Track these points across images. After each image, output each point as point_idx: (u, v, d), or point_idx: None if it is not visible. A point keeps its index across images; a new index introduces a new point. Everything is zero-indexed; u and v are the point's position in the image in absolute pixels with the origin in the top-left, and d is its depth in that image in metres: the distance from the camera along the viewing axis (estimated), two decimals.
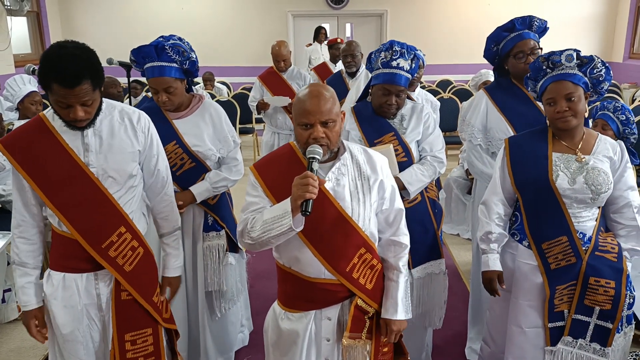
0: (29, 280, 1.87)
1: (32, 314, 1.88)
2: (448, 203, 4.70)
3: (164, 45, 2.28)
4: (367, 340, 1.80)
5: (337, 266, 1.73)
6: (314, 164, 1.59)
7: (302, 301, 1.78)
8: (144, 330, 1.94)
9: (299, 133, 1.69)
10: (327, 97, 1.66)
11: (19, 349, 3.02)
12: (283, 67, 4.71)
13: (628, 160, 2.04)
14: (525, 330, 2.07)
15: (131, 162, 1.90)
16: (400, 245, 1.86)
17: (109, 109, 1.89)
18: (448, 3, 9.61)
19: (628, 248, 2.03)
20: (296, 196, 1.54)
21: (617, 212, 2.05)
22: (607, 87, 2.04)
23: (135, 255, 1.91)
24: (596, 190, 1.95)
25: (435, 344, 2.92)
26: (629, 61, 9.26)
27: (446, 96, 6.95)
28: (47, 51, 1.67)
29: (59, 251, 1.88)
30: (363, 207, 1.74)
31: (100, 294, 1.89)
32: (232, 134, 2.52)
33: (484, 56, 2.67)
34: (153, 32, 3.42)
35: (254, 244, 1.69)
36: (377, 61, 2.39)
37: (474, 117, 2.62)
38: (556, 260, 2.01)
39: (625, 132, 2.78)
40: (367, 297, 1.79)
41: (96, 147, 1.83)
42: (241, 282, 2.74)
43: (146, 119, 1.97)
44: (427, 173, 2.41)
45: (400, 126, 2.45)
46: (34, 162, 1.78)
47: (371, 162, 1.79)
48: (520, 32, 2.48)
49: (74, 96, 1.66)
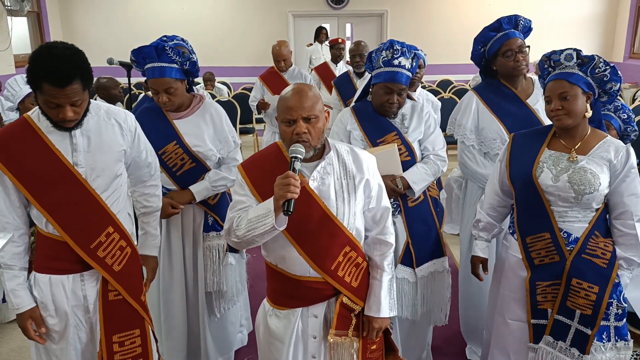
0: (19, 282, 1.84)
1: (27, 314, 1.85)
2: (448, 203, 4.69)
3: (164, 46, 2.29)
4: (353, 338, 1.82)
5: (323, 264, 1.75)
6: (295, 163, 1.60)
7: (289, 299, 1.81)
8: (132, 332, 1.94)
9: (282, 130, 1.71)
10: (308, 94, 1.69)
11: (20, 348, 3.03)
12: (284, 67, 4.71)
13: (634, 167, 1.96)
14: (508, 321, 2.11)
15: (118, 162, 1.91)
16: (386, 244, 1.87)
17: (95, 109, 1.89)
18: (448, 3, 9.61)
19: (624, 257, 1.97)
20: (278, 196, 1.55)
21: (618, 219, 2.00)
22: (617, 87, 2.00)
23: (123, 255, 1.92)
24: (579, 190, 1.93)
25: (436, 343, 2.92)
26: (629, 61, 9.26)
27: (447, 96, 6.95)
28: (37, 51, 1.66)
29: (44, 253, 1.86)
30: (348, 206, 1.76)
31: (87, 295, 1.88)
32: (232, 135, 2.52)
33: (470, 58, 2.66)
34: (153, 32, 3.43)
35: (239, 242, 1.72)
36: (379, 60, 2.39)
37: (465, 118, 2.61)
38: (539, 256, 2.02)
39: (627, 130, 2.79)
40: (352, 295, 1.81)
41: (84, 147, 1.82)
42: (241, 282, 2.74)
43: (132, 118, 1.98)
44: (430, 172, 2.42)
45: (401, 125, 2.45)
46: (19, 163, 1.77)
47: (357, 161, 1.80)
48: (506, 31, 2.49)
49: (64, 96, 1.66)
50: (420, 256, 2.43)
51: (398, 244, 2.43)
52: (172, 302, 2.60)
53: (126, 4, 9.47)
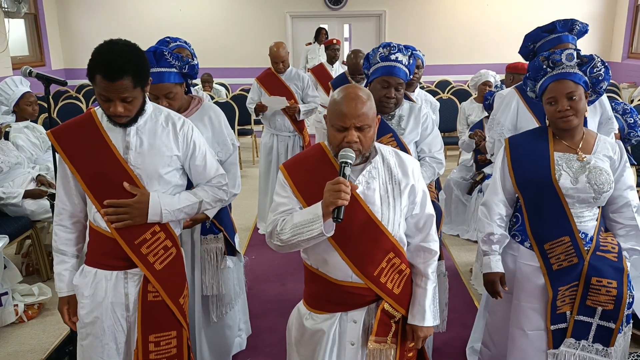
0: (65, 267, 1.95)
1: (65, 300, 1.97)
2: (448, 204, 4.69)
3: (162, 50, 2.27)
4: (392, 344, 1.78)
5: (365, 270, 1.71)
6: (346, 169, 1.56)
7: (328, 303, 1.77)
8: (169, 333, 1.97)
9: (332, 135, 1.66)
10: (364, 101, 1.63)
11: (17, 352, 3.01)
12: (282, 68, 4.69)
13: (627, 160, 2.04)
14: (528, 333, 2.05)
15: (166, 166, 1.92)
16: (430, 251, 1.82)
17: (155, 112, 1.95)
18: (446, 3, 9.60)
19: (627, 248, 2.03)
20: (328, 202, 1.52)
21: (617, 212, 2.05)
22: (606, 86, 2.04)
23: (167, 255, 1.95)
24: (599, 189, 1.94)
25: (436, 345, 2.91)
26: (627, 61, 9.27)
27: (445, 96, 6.95)
28: (99, 45, 1.75)
29: (94, 247, 1.93)
30: (393, 211, 1.72)
31: (129, 294, 1.92)
32: (231, 137, 2.51)
33: (519, 52, 2.62)
34: (151, 34, 3.41)
35: (283, 246, 1.68)
36: (376, 56, 2.40)
37: (504, 116, 2.59)
38: (558, 261, 1.99)
39: (630, 135, 2.78)
40: (394, 302, 1.76)
41: (136, 146, 1.88)
42: (239, 286, 2.72)
43: (190, 126, 2.00)
44: (426, 174, 2.39)
45: (398, 127, 2.43)
46: (80, 154, 1.86)
47: (403, 166, 1.76)
48: (559, 34, 2.44)
49: (114, 90, 1.71)
50: None
51: None
52: None
53: (123, 5, 9.46)
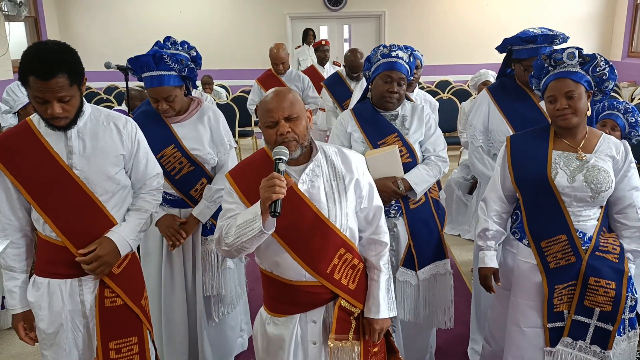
0: (16, 284, 1.87)
1: (20, 317, 1.89)
2: (449, 204, 4.68)
3: (162, 54, 2.28)
4: (354, 341, 1.79)
5: (318, 268, 1.72)
6: (280, 164, 1.59)
7: (286, 305, 1.78)
8: (129, 339, 1.93)
9: (267, 134, 1.70)
10: (287, 95, 1.69)
11: (20, 354, 3.02)
12: (282, 69, 4.70)
13: (632, 161, 2.02)
14: (524, 330, 2.06)
15: (115, 166, 1.88)
16: (381, 243, 1.85)
17: (94, 112, 1.89)
18: (446, 3, 9.62)
19: (631, 249, 2.01)
20: (264, 198, 1.53)
21: (621, 213, 2.03)
22: (612, 86, 2.03)
23: (122, 259, 1.91)
24: (596, 188, 1.93)
25: (438, 344, 2.91)
26: (627, 60, 9.27)
27: (445, 97, 6.94)
28: (28, 48, 1.68)
29: (44, 257, 1.87)
30: (339, 207, 1.74)
31: (84, 301, 1.88)
32: (228, 138, 2.52)
33: (496, 48, 2.63)
34: (151, 36, 3.41)
35: (229, 250, 1.68)
36: (377, 54, 2.43)
37: (475, 118, 2.62)
38: (555, 259, 1.99)
39: (631, 134, 2.78)
40: (350, 298, 1.78)
41: (80, 150, 1.82)
42: (240, 286, 2.72)
43: (133, 124, 1.96)
44: (432, 173, 2.41)
45: (402, 127, 2.45)
46: (20, 165, 1.78)
47: (346, 161, 1.79)
48: (538, 46, 2.43)
49: (49, 90, 1.64)
50: (422, 259, 2.42)
51: (400, 247, 2.42)
52: (173, 308, 2.58)
53: (124, 8, 9.48)
